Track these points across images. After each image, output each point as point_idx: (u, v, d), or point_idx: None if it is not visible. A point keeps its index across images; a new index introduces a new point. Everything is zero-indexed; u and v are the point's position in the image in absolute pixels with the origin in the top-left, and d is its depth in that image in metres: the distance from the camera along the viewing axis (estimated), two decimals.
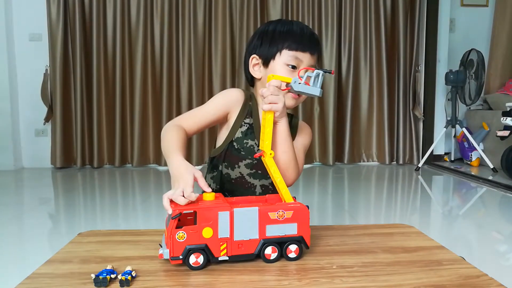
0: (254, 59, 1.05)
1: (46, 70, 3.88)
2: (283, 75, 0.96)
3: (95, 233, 0.95)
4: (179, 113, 4.04)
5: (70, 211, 2.53)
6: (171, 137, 0.94)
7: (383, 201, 2.83)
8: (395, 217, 2.39)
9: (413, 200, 2.96)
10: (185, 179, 0.79)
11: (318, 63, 1.06)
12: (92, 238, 0.91)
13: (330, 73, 0.89)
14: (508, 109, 3.37)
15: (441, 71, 4.17)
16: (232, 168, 1.05)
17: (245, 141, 1.04)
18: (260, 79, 1.06)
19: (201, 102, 4.01)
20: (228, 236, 0.75)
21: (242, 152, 1.04)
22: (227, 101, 1.05)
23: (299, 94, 0.92)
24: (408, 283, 0.69)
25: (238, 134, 1.04)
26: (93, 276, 0.67)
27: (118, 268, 0.72)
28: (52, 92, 3.87)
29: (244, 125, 1.04)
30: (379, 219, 2.33)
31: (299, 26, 1.03)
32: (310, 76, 0.86)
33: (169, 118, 4.02)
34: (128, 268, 0.70)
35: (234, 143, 1.04)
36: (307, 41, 1.00)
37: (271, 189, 1.06)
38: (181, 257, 0.73)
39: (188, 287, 0.68)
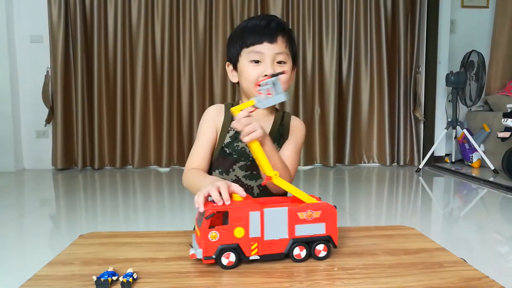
0: (229, 66, 1.09)
1: (47, 71, 3.89)
2: (249, 72, 1.00)
3: (96, 235, 0.95)
4: (180, 114, 4.05)
5: (71, 212, 2.53)
6: (197, 174, 0.99)
7: (384, 203, 2.83)
8: (396, 218, 2.39)
9: (414, 202, 2.96)
10: (223, 181, 0.80)
11: (292, 46, 1.04)
12: (94, 240, 0.91)
13: (282, 73, 0.89)
14: (509, 110, 3.37)
15: (441, 72, 4.17)
16: (227, 172, 1.06)
17: (235, 144, 1.05)
18: (237, 83, 1.09)
19: (202, 104, 4.02)
20: (259, 236, 0.75)
21: (234, 156, 1.05)
22: (209, 119, 1.08)
23: (268, 107, 0.91)
24: (409, 285, 0.69)
25: (227, 139, 1.05)
26: (94, 278, 0.67)
27: (119, 270, 0.72)
28: (53, 93, 3.88)
29: (231, 130, 1.06)
30: (380, 220, 2.33)
31: (255, 20, 1.03)
32: (268, 88, 0.84)
33: (170, 119, 4.03)
34: (130, 270, 0.70)
35: (225, 149, 1.05)
36: (260, 31, 0.99)
37: (264, 192, 1.07)
38: (214, 256, 0.73)
39: None
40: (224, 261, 0.74)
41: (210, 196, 0.77)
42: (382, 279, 0.71)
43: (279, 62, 1.00)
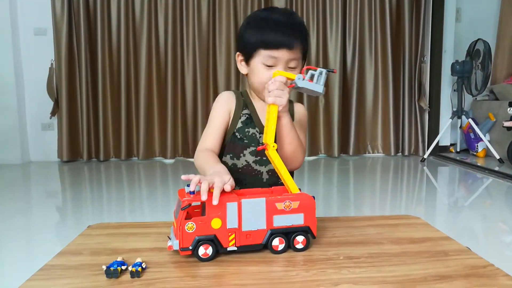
0: (240, 56, 1.08)
1: (52, 64, 3.90)
2: (261, 74, 1.00)
3: (105, 225, 0.97)
4: (184, 106, 4.06)
5: (77, 204, 2.55)
6: (207, 156, 0.99)
7: (389, 193, 2.83)
8: (400, 208, 2.39)
9: (419, 191, 2.96)
10: (222, 178, 0.79)
11: (300, 52, 1.02)
12: (102, 231, 0.92)
13: (332, 71, 0.89)
14: None
15: (447, 61, 4.14)
16: (237, 157, 1.08)
17: (246, 130, 1.08)
18: (246, 75, 1.09)
19: (206, 95, 4.02)
20: (237, 227, 0.76)
21: (245, 141, 1.07)
22: (224, 102, 1.11)
23: (301, 90, 0.91)
24: (414, 273, 0.70)
25: (239, 124, 1.08)
26: (104, 267, 0.68)
27: (128, 260, 0.73)
28: (58, 86, 3.89)
29: (243, 116, 1.09)
30: (385, 210, 2.33)
31: (275, 20, 1.00)
32: (314, 74, 0.86)
33: (174, 111, 4.04)
34: (138, 260, 0.71)
35: (236, 134, 1.08)
36: (281, 37, 0.98)
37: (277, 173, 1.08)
38: (190, 248, 0.74)
39: (197, 278, 0.69)
40: (201, 252, 0.74)
41: (188, 186, 0.77)
42: (387, 267, 0.72)
43: (291, 67, 1.01)
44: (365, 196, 2.73)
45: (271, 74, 0.98)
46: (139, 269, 0.69)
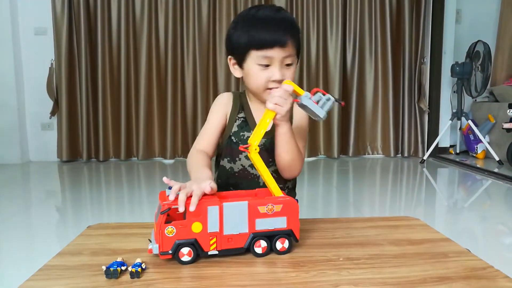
0: (232, 60, 1.05)
1: (52, 64, 3.90)
2: (257, 76, 0.98)
3: (104, 226, 0.97)
4: (184, 106, 4.06)
5: (77, 204, 2.55)
6: (197, 160, 0.98)
7: (388, 194, 2.83)
8: (400, 209, 2.39)
9: (418, 193, 2.96)
10: (201, 186, 0.77)
11: (293, 48, 0.98)
12: (102, 231, 0.92)
13: (340, 103, 0.88)
14: None
15: (447, 63, 4.14)
16: (233, 161, 1.08)
17: (241, 133, 1.07)
18: (241, 78, 1.06)
19: (206, 95, 4.02)
20: (218, 231, 0.75)
21: (240, 145, 1.06)
22: (221, 105, 1.10)
23: (303, 108, 0.89)
24: (414, 275, 0.70)
25: (234, 128, 1.08)
26: (104, 268, 0.68)
27: (127, 260, 0.73)
28: (58, 86, 3.89)
29: (238, 119, 1.08)
30: (384, 211, 2.33)
31: (261, 18, 0.97)
32: (321, 99, 0.84)
33: (174, 111, 4.04)
34: (138, 260, 0.71)
35: (232, 137, 1.07)
36: (272, 35, 0.94)
37: (275, 176, 1.07)
38: (170, 252, 0.73)
39: (198, 279, 0.69)
40: (181, 256, 0.73)
41: (169, 188, 0.76)
42: (387, 269, 0.72)
43: (287, 65, 0.98)
44: (365, 197, 2.74)
45: (268, 74, 0.97)
46: (139, 269, 0.69)
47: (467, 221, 2.23)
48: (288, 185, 1.14)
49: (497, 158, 3.65)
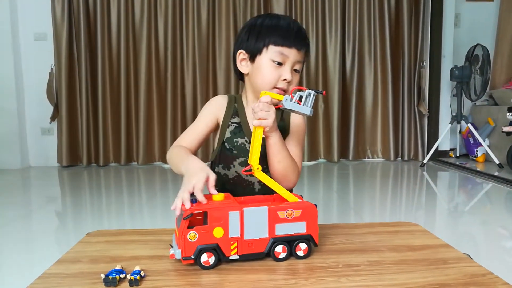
0: (242, 54, 1.06)
1: (52, 69, 3.90)
2: (269, 72, 0.99)
3: (103, 232, 0.97)
4: (184, 110, 4.07)
5: (77, 209, 2.55)
6: (178, 151, 0.99)
7: (388, 198, 2.83)
8: (400, 214, 2.39)
9: (418, 197, 2.96)
10: (199, 177, 0.80)
11: (306, 59, 1.05)
12: (101, 238, 0.92)
13: (321, 93, 0.89)
14: None
15: (446, 66, 4.15)
16: (228, 168, 1.07)
17: (235, 139, 1.06)
18: (247, 74, 1.07)
19: (206, 99, 4.01)
20: (239, 236, 0.76)
21: (234, 151, 1.06)
22: (212, 108, 1.10)
23: (289, 111, 0.90)
24: (414, 281, 0.69)
25: (228, 134, 1.07)
26: (102, 276, 0.68)
27: (126, 267, 0.73)
28: (58, 91, 3.90)
29: (231, 125, 1.07)
30: (385, 216, 2.33)
31: (286, 21, 1.02)
32: (302, 96, 0.85)
33: (174, 115, 4.04)
34: (137, 268, 0.71)
35: (226, 144, 1.07)
36: (293, 36, 1.00)
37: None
38: (192, 257, 0.74)
39: (197, 286, 0.69)
40: (203, 260, 0.74)
41: (192, 194, 0.77)
42: (387, 275, 0.72)
43: (295, 70, 1.01)
44: (365, 201, 2.73)
45: (279, 73, 0.99)
46: (138, 277, 0.68)
47: (468, 225, 2.23)
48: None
49: (497, 162, 3.65)
